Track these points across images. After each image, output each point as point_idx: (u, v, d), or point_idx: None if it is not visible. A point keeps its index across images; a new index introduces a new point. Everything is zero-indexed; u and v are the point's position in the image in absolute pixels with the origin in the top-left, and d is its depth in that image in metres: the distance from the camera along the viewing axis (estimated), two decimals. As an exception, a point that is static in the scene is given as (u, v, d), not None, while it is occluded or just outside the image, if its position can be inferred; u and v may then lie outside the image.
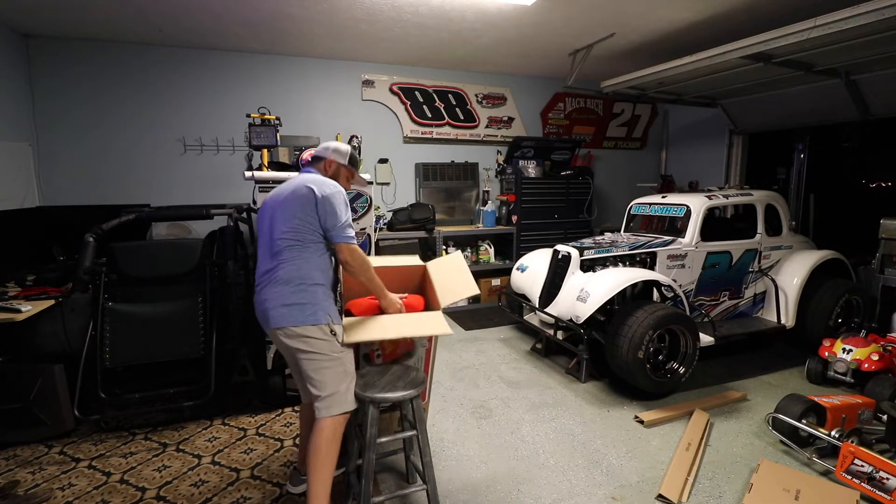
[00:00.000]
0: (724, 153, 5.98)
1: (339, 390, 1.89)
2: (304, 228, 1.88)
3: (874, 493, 2.09)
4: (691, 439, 2.59)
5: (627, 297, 3.47)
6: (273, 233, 1.92)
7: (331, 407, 1.87)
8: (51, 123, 4.28)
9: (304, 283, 1.87)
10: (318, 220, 1.89)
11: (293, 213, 1.88)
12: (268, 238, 1.95)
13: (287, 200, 1.91)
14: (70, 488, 2.28)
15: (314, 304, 1.87)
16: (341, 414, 1.89)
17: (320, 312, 1.87)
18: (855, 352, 3.21)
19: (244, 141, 4.79)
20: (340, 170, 2.14)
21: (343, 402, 1.89)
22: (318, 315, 1.86)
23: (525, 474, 2.38)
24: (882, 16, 2.70)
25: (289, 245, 1.88)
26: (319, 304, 1.88)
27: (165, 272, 2.87)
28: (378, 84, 5.31)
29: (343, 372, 1.91)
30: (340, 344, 1.90)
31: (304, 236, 1.89)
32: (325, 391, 1.87)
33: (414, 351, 2.30)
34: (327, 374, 1.88)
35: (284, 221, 1.89)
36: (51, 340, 2.69)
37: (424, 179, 5.49)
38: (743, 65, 3.75)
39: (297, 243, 1.88)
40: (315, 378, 1.88)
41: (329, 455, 1.87)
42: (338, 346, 1.89)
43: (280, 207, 1.92)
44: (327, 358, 1.87)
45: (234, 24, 4.01)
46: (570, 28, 4.15)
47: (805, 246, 4.12)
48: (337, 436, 1.90)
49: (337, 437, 1.90)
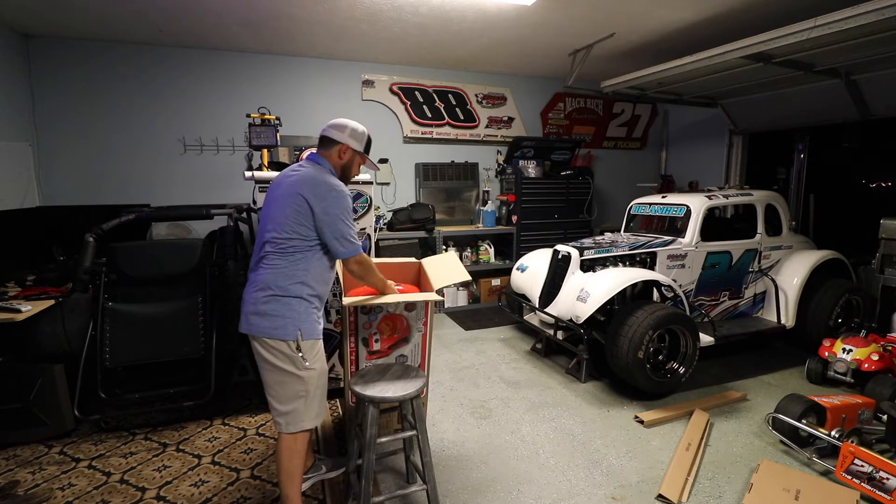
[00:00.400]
0: (724, 153, 5.98)
1: (297, 408, 1.82)
2: (292, 237, 1.77)
3: (874, 493, 2.09)
4: (691, 439, 2.59)
5: (627, 297, 3.47)
6: (264, 229, 1.82)
7: (288, 424, 1.83)
8: (51, 123, 4.28)
9: (278, 295, 1.76)
10: (313, 230, 1.78)
11: (284, 220, 1.77)
12: (261, 231, 1.86)
13: (280, 202, 1.80)
14: (70, 488, 2.28)
15: (284, 316, 1.76)
16: (299, 432, 1.86)
17: (290, 327, 1.76)
18: (855, 352, 3.22)
19: (244, 141, 4.79)
20: (355, 158, 1.97)
21: (298, 420, 1.83)
22: (286, 329, 1.75)
23: (525, 474, 2.38)
24: (882, 16, 2.70)
25: (273, 251, 1.78)
26: (291, 318, 1.76)
27: (165, 272, 2.87)
28: (378, 84, 5.31)
29: (303, 391, 1.82)
30: (306, 365, 1.80)
31: (291, 244, 1.77)
32: (282, 407, 1.83)
33: (410, 336, 2.34)
34: (287, 390, 1.81)
35: (275, 225, 1.78)
36: (51, 340, 2.69)
37: (424, 179, 5.49)
38: (743, 65, 3.75)
39: (280, 252, 1.77)
40: (274, 391, 1.83)
41: (292, 467, 1.86)
42: (301, 364, 1.79)
43: (274, 205, 1.82)
44: (288, 374, 1.79)
45: (234, 24, 4.01)
46: (570, 28, 4.15)
47: (805, 246, 4.12)
48: (296, 451, 1.86)
49: (296, 452, 1.86)
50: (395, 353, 2.36)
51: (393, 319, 2.30)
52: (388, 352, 2.34)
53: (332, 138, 1.92)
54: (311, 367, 1.82)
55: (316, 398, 1.88)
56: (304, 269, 1.80)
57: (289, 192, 1.80)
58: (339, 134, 1.92)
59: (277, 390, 1.82)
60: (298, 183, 1.80)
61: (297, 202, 1.77)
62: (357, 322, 2.23)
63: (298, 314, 1.79)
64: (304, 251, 1.80)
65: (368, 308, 2.21)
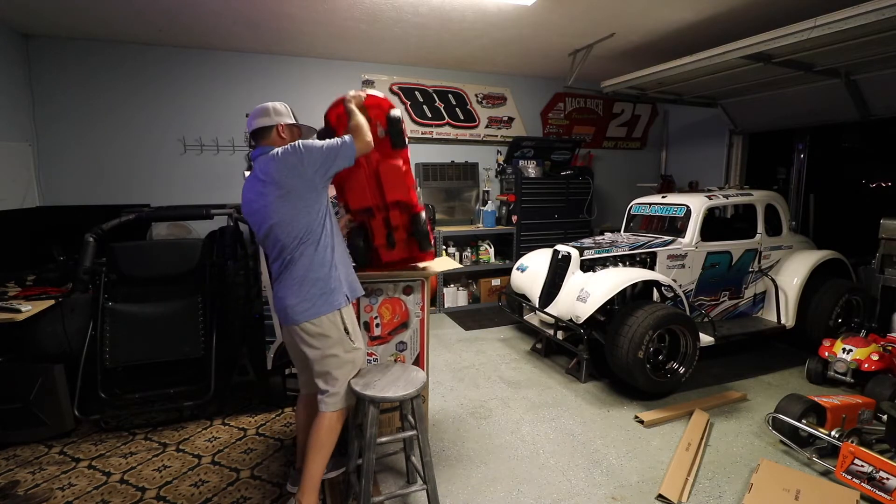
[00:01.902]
0: (724, 153, 5.98)
1: (347, 387, 1.94)
2: (293, 235, 1.81)
3: (874, 493, 2.09)
4: (691, 439, 2.59)
5: (627, 297, 3.47)
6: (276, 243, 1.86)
7: (337, 403, 1.92)
8: (51, 123, 4.28)
9: (315, 277, 1.83)
10: (304, 216, 1.80)
11: (271, 230, 1.81)
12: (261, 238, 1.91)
13: (256, 216, 1.84)
14: (70, 488, 2.28)
15: (327, 292, 1.84)
16: (344, 408, 1.95)
17: (337, 295, 1.85)
18: (855, 352, 3.21)
19: (244, 141, 4.79)
20: (293, 131, 1.96)
21: (348, 397, 1.95)
22: (333, 300, 1.85)
23: (525, 474, 2.38)
24: (882, 16, 2.70)
25: (291, 246, 1.82)
26: (334, 290, 1.85)
27: (165, 272, 2.87)
28: (378, 84, 5.31)
29: (352, 370, 1.96)
30: (352, 342, 1.93)
31: (300, 238, 1.81)
32: (333, 388, 1.91)
33: (409, 322, 2.50)
34: (341, 372, 1.92)
35: (272, 231, 1.82)
36: (51, 340, 2.69)
37: (424, 179, 5.48)
38: (743, 65, 3.75)
39: (298, 245, 1.82)
40: (327, 374, 1.91)
41: (328, 443, 1.94)
42: (349, 345, 1.92)
43: (255, 217, 1.86)
44: (341, 355, 1.90)
45: (234, 24, 4.01)
46: (570, 28, 4.15)
47: (805, 246, 4.12)
48: (337, 427, 1.95)
49: (336, 428, 1.95)
50: (395, 339, 2.48)
51: (392, 303, 2.44)
52: (388, 338, 2.47)
53: (264, 126, 1.90)
54: (356, 347, 1.96)
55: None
56: (318, 255, 1.85)
57: (253, 204, 1.83)
58: (267, 119, 1.90)
59: (330, 372, 1.91)
60: (252, 192, 1.83)
61: (261, 205, 1.80)
62: (359, 305, 2.35)
63: (336, 283, 1.89)
64: (311, 242, 1.83)
65: (370, 290, 2.36)
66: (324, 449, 1.92)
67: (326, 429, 1.91)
